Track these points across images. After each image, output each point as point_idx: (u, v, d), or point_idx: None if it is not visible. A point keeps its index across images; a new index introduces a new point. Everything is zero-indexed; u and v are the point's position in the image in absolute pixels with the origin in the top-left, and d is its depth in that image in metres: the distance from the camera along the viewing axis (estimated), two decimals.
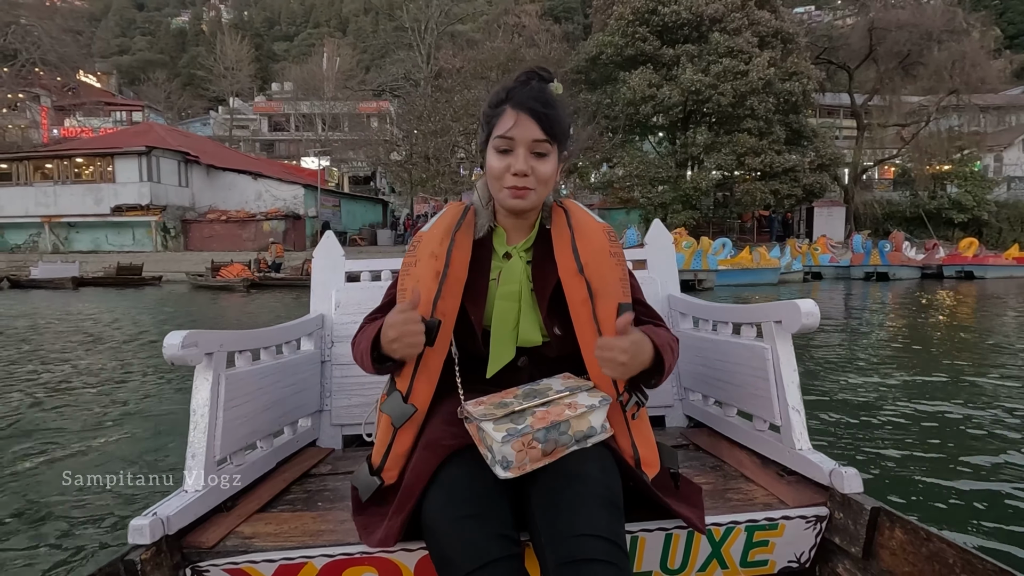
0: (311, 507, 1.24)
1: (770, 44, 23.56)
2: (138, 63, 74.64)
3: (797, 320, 1.23)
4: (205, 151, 28.25)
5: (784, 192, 23.11)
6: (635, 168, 23.95)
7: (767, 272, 15.75)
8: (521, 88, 1.10)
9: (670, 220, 22.60)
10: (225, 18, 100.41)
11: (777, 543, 1.13)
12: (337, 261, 1.83)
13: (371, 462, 1.09)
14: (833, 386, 4.01)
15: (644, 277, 1.80)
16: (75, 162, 24.84)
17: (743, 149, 22.58)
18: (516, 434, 0.91)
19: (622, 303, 1.09)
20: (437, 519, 0.90)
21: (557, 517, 0.90)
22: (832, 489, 1.15)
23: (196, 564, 1.05)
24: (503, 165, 1.08)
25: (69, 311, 10.71)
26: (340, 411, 1.70)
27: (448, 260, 1.09)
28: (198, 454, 1.16)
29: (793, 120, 23.91)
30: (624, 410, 1.06)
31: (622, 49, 23.61)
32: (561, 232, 1.15)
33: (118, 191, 24.01)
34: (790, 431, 1.27)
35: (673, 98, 22.31)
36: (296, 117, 44.83)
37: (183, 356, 1.12)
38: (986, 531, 1.85)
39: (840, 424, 3.07)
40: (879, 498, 1.13)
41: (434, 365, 1.07)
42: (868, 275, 18.77)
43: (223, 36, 52.16)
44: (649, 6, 23.24)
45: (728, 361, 1.51)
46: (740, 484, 1.28)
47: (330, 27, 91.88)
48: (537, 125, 1.06)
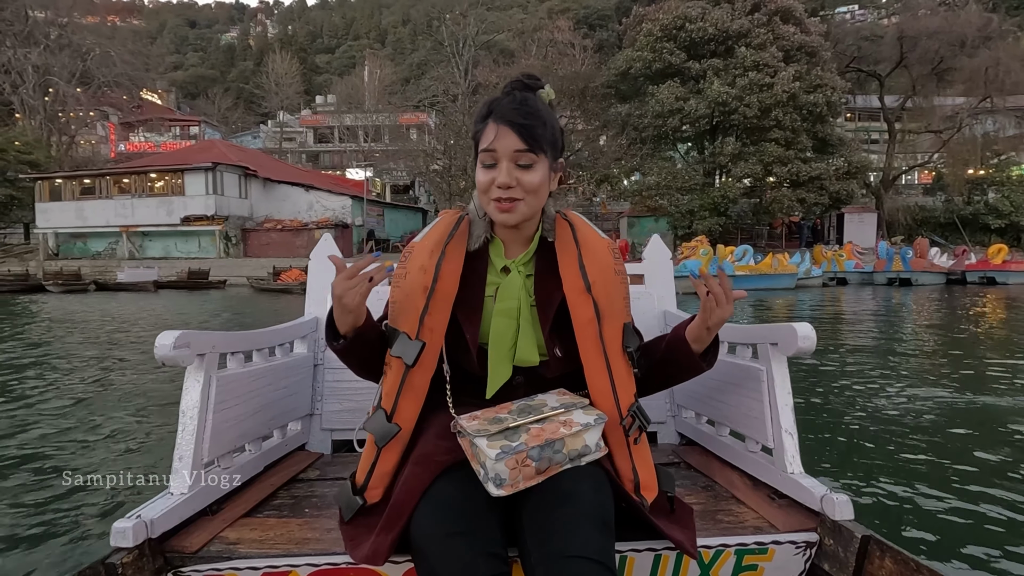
0: (298, 513, 1.23)
1: (795, 58, 24.36)
2: (191, 78, 79.19)
3: (793, 343, 1.22)
4: (262, 165, 30.60)
5: (811, 200, 23.81)
6: (663, 178, 24.97)
7: (784, 278, 16.63)
8: (503, 100, 1.09)
9: (697, 227, 23.60)
10: (271, 33, 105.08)
11: (766, 568, 1.12)
12: None
13: (354, 481, 1.06)
14: (825, 399, 4.00)
15: (641, 292, 1.82)
16: (149, 177, 27.46)
17: (770, 158, 23.43)
18: (510, 452, 0.90)
19: (627, 323, 1.10)
20: (426, 536, 0.89)
21: (548, 537, 0.88)
22: (823, 515, 1.13)
23: (179, 569, 1.03)
24: (488, 179, 1.07)
25: (154, 310, 12.55)
26: (331, 415, 1.68)
27: (437, 274, 1.06)
28: (185, 456, 1.14)
29: (819, 129, 24.62)
30: (627, 434, 1.04)
31: (650, 64, 24.80)
32: (566, 247, 1.12)
33: (187, 203, 26.44)
34: (783, 454, 1.26)
35: (700, 110, 23.36)
36: (340, 129, 47.34)
37: (174, 357, 1.11)
38: (978, 562, 1.80)
39: (832, 443, 3.03)
40: (870, 525, 1.12)
41: (420, 384, 1.05)
42: (891, 281, 19.31)
43: (273, 55, 55.37)
44: (676, 23, 24.40)
45: (722, 380, 1.49)
46: (731, 506, 1.27)
47: (370, 39, 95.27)
48: (517, 136, 1.05)
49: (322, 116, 52.01)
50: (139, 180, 27.45)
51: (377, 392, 1.09)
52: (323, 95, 61.72)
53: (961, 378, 4.62)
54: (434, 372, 1.08)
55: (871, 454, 2.84)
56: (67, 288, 19.91)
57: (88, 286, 20.81)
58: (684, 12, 24.49)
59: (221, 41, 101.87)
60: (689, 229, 24.02)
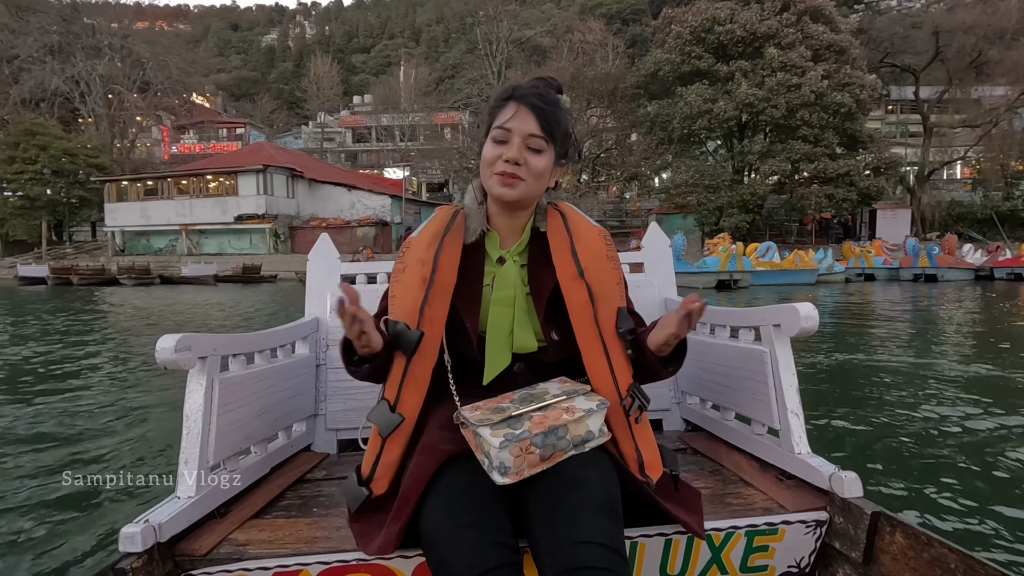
0: (306, 513, 1.23)
1: (824, 57, 24.50)
2: (235, 80, 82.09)
3: (796, 324, 1.22)
4: (306, 166, 32.39)
5: (840, 196, 23.91)
6: (691, 176, 25.50)
7: (804, 273, 17.16)
8: (527, 87, 1.12)
9: (724, 224, 24.07)
10: (308, 33, 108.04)
11: (777, 548, 1.12)
12: (332, 264, 1.82)
13: (360, 472, 1.07)
14: (833, 385, 4.02)
15: (640, 280, 1.83)
16: (206, 179, 29.53)
17: (797, 156, 23.74)
18: (514, 439, 0.91)
19: (621, 308, 1.10)
20: (435, 528, 0.90)
21: (556, 524, 0.88)
22: (832, 493, 1.14)
23: (189, 572, 1.03)
24: (496, 153, 1.08)
25: (215, 301, 13.91)
26: (335, 415, 1.68)
27: (435, 266, 1.08)
28: (191, 460, 1.14)
29: (849, 126, 24.68)
30: (627, 414, 1.05)
31: (678, 66, 25.38)
32: (558, 235, 1.14)
33: (240, 203, 28.36)
34: (789, 435, 1.26)
35: (728, 111, 23.81)
36: (377, 129, 49.12)
37: (176, 360, 1.10)
38: (990, 537, 1.80)
39: (841, 426, 3.01)
40: (880, 502, 1.12)
41: (422, 374, 1.06)
42: (916, 277, 19.59)
43: (315, 59, 57.69)
44: (705, 25, 24.83)
45: (726, 365, 1.50)
46: (739, 488, 1.27)
47: (404, 38, 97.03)
48: (535, 120, 1.07)
49: (360, 117, 53.96)
50: (196, 182, 29.55)
51: (381, 387, 1.10)
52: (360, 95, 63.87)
53: (960, 365, 4.75)
54: (435, 363, 1.08)
55: (879, 436, 2.83)
56: (138, 281, 21.97)
57: (154, 280, 22.89)
58: (713, 14, 24.84)
59: (262, 43, 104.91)
60: (717, 226, 24.39)
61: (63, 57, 38.35)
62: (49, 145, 31.01)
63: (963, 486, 2.21)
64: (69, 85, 37.92)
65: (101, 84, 38.24)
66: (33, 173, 30.85)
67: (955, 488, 2.19)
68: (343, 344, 1.07)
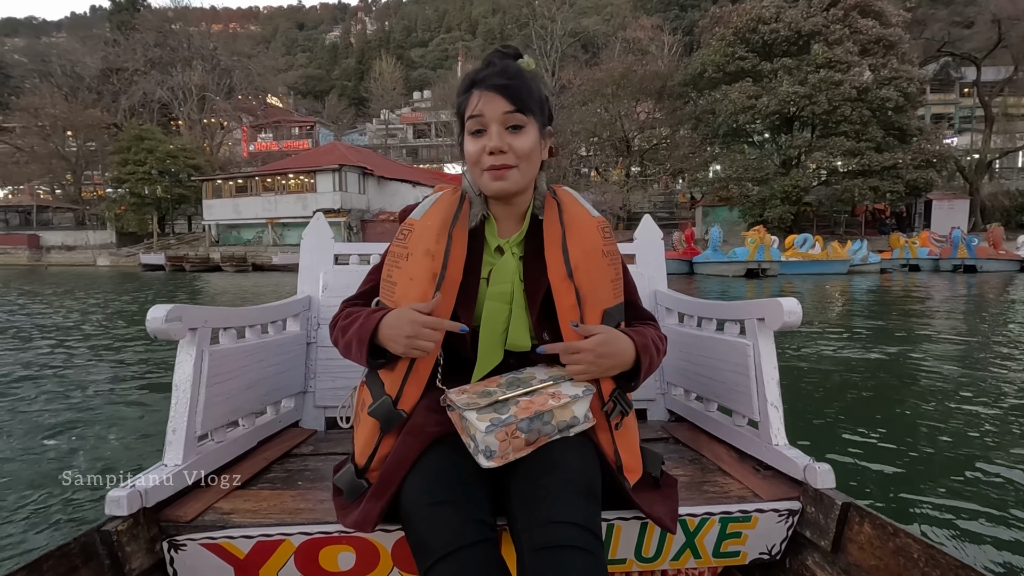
0: (291, 486, 1.24)
1: (872, 51, 24.81)
2: (302, 78, 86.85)
3: (779, 318, 1.24)
4: (375, 164, 35.33)
5: (885, 188, 24.22)
6: (734, 170, 26.48)
7: (836, 264, 18.25)
8: (483, 69, 1.08)
9: (768, 216, 24.97)
10: (370, 30, 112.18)
11: (750, 535, 1.15)
12: (326, 243, 1.81)
13: (356, 463, 1.06)
14: (814, 374, 4.09)
15: (632, 271, 1.71)
16: (288, 177, 32.94)
17: (839, 150, 24.27)
18: (500, 424, 0.91)
19: (608, 308, 1.07)
20: (414, 504, 0.91)
21: (535, 504, 0.90)
22: (805, 484, 1.17)
23: (173, 538, 1.04)
24: (478, 147, 1.05)
25: None
26: (324, 393, 1.69)
27: (446, 262, 1.05)
28: (179, 429, 1.16)
29: (896, 119, 24.81)
30: (608, 420, 1.05)
31: (723, 66, 26.32)
32: (552, 229, 1.11)
33: (318, 199, 31.53)
34: (768, 426, 1.29)
35: (771, 107, 24.60)
36: (436, 125, 51.91)
37: (166, 330, 1.11)
38: (954, 528, 1.87)
39: (819, 416, 3.09)
40: (854, 494, 1.16)
41: (424, 370, 1.06)
42: (956, 267, 20.20)
43: (379, 61, 61.20)
44: (749, 26, 25.63)
45: (711, 357, 1.52)
46: (717, 477, 1.29)
47: (461, 31, 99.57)
48: (504, 98, 1.03)
49: (420, 113, 56.94)
50: (280, 180, 33.03)
51: (367, 370, 1.09)
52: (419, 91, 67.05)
53: (961, 355, 4.87)
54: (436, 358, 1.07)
55: (858, 425, 2.88)
56: (236, 268, 25.47)
57: (248, 267, 26.36)
58: (758, 14, 25.53)
59: (326, 41, 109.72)
60: (761, 217, 25.22)
61: (162, 68, 43.01)
62: (155, 148, 35.31)
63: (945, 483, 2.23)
64: (169, 94, 42.56)
65: (195, 92, 42.70)
66: (142, 173, 35.23)
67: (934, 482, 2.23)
68: (369, 338, 1.02)
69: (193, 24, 47.65)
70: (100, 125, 41.76)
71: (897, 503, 2.08)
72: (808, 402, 3.43)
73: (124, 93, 42.07)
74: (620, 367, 1.05)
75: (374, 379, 1.07)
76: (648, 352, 1.07)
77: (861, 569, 1.07)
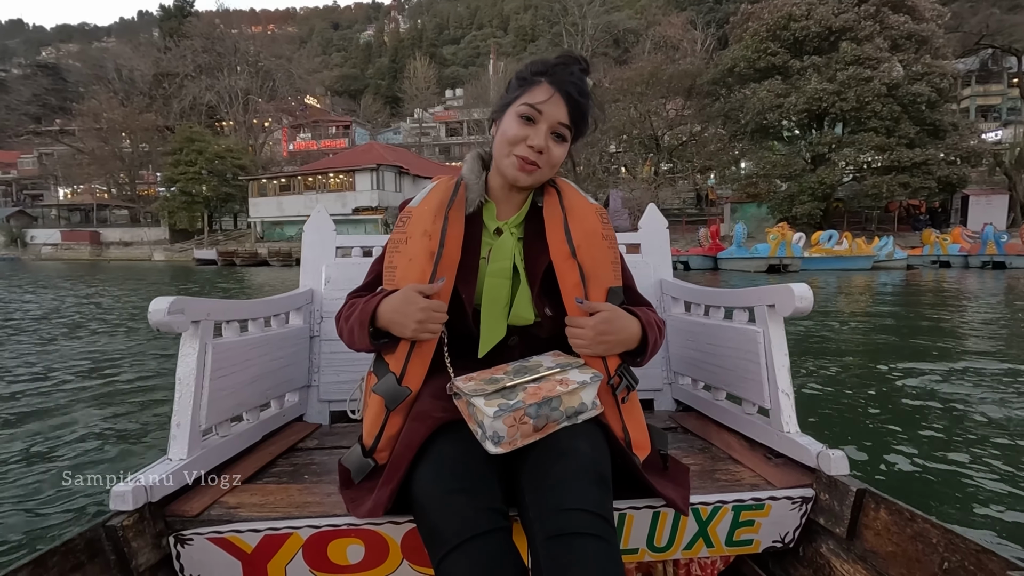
0: (297, 480, 1.24)
1: (903, 47, 24.69)
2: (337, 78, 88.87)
3: (790, 304, 1.23)
4: (410, 163, 36.67)
5: (916, 184, 24.04)
6: (762, 167, 26.74)
7: (860, 260, 18.52)
8: (563, 69, 1.09)
9: (796, 212, 25.16)
10: (403, 28, 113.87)
11: (763, 523, 1.15)
12: (328, 236, 1.81)
13: (363, 443, 1.08)
14: (827, 365, 4.08)
15: (637, 261, 1.84)
16: (328, 177, 34.57)
17: (868, 146, 24.27)
18: (508, 409, 0.91)
19: (612, 287, 1.10)
20: (427, 492, 0.90)
21: (546, 492, 0.89)
22: (819, 471, 1.16)
23: (180, 532, 1.03)
24: (522, 133, 1.08)
25: None
26: (328, 387, 1.70)
27: (443, 240, 1.07)
28: (183, 423, 1.16)
29: (928, 115, 24.62)
30: (614, 394, 1.07)
31: (754, 63, 26.56)
32: (553, 212, 1.14)
33: (357, 197, 33.07)
34: (779, 414, 1.28)
35: (799, 105, 24.77)
36: (468, 123, 53.08)
37: (168, 323, 1.11)
38: (974, 512, 1.83)
39: (831, 404, 3.06)
40: (868, 479, 1.16)
41: (428, 347, 1.06)
42: (984, 264, 20.26)
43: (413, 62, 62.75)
44: (781, 22, 25.77)
45: (719, 345, 1.51)
46: (728, 465, 1.28)
47: (493, 27, 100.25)
48: (567, 109, 1.07)
49: (452, 112, 58.21)
50: (321, 179, 34.70)
51: (374, 358, 1.11)
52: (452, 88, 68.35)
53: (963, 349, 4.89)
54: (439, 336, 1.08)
55: (870, 412, 2.87)
56: (282, 262, 27.09)
57: (292, 262, 27.98)
58: (789, 11, 25.63)
59: (360, 40, 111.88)
60: (789, 213, 25.43)
61: (209, 72, 45.33)
62: (204, 150, 37.44)
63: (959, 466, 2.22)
64: (216, 98, 44.85)
65: (241, 95, 44.89)
66: (193, 173, 37.41)
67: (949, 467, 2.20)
68: (369, 319, 1.04)
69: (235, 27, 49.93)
70: (153, 128, 44.38)
71: (915, 491, 2.03)
72: (817, 389, 3.45)
73: (175, 97, 44.59)
74: (624, 344, 1.07)
75: (380, 363, 1.09)
76: (652, 329, 1.10)
77: (877, 555, 1.06)
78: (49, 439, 2.71)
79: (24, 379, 3.94)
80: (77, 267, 27.50)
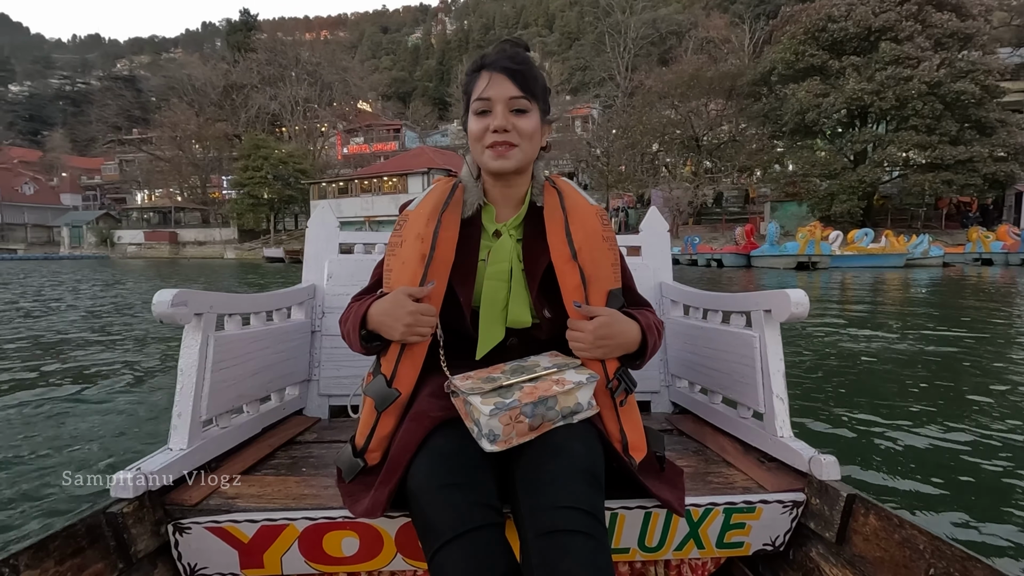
0: (295, 472, 1.26)
1: (946, 45, 24.47)
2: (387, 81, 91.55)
3: (786, 309, 1.24)
4: (458, 166, 37.84)
5: (960, 181, 23.85)
6: (801, 167, 26.99)
7: (892, 257, 18.80)
8: (494, 52, 1.12)
9: (836, 209, 25.37)
10: (449, 29, 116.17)
11: (753, 526, 1.15)
12: (331, 232, 1.83)
13: (355, 443, 1.09)
14: (823, 364, 4.03)
15: (638, 263, 1.86)
16: (383, 180, 36.94)
17: (909, 144, 24.25)
18: (504, 408, 0.92)
19: (612, 290, 1.10)
20: (422, 486, 0.92)
21: (538, 489, 0.91)
22: (810, 476, 1.17)
23: (178, 521, 1.04)
24: (482, 126, 1.09)
25: None
26: (328, 381, 1.71)
27: (435, 243, 1.08)
28: (184, 413, 1.17)
29: (974, 112, 24.25)
30: (613, 396, 1.07)
31: (792, 64, 26.91)
32: (554, 213, 1.14)
33: None
34: (773, 418, 1.30)
35: (837, 105, 24.97)
36: None
37: (172, 314, 1.12)
38: (960, 519, 1.85)
39: (825, 406, 3.06)
40: (858, 485, 1.16)
41: (419, 350, 1.07)
42: (1023, 262, 20.24)
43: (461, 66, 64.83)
44: (819, 24, 26.00)
45: (716, 349, 1.52)
46: (721, 468, 1.29)
47: (538, 26, 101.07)
48: (512, 82, 1.07)
49: None
50: (376, 182, 37.10)
51: (374, 359, 1.11)
52: None
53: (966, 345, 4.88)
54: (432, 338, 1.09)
55: (864, 416, 2.86)
56: None
57: None
58: (828, 12, 25.79)
59: (408, 43, 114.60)
60: (829, 211, 25.62)
61: (272, 83, 48.66)
62: (269, 156, 40.44)
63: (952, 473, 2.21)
64: (279, 107, 48.15)
65: (302, 104, 48.05)
66: (259, 178, 40.47)
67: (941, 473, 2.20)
68: (360, 321, 1.06)
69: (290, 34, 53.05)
70: (223, 136, 48.08)
71: (905, 497, 2.03)
72: (813, 391, 3.44)
73: (243, 107, 48.15)
74: (623, 348, 1.08)
75: (375, 365, 1.10)
76: (652, 332, 1.11)
77: (866, 560, 1.06)
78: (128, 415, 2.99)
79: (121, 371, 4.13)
80: (159, 264, 30.78)
